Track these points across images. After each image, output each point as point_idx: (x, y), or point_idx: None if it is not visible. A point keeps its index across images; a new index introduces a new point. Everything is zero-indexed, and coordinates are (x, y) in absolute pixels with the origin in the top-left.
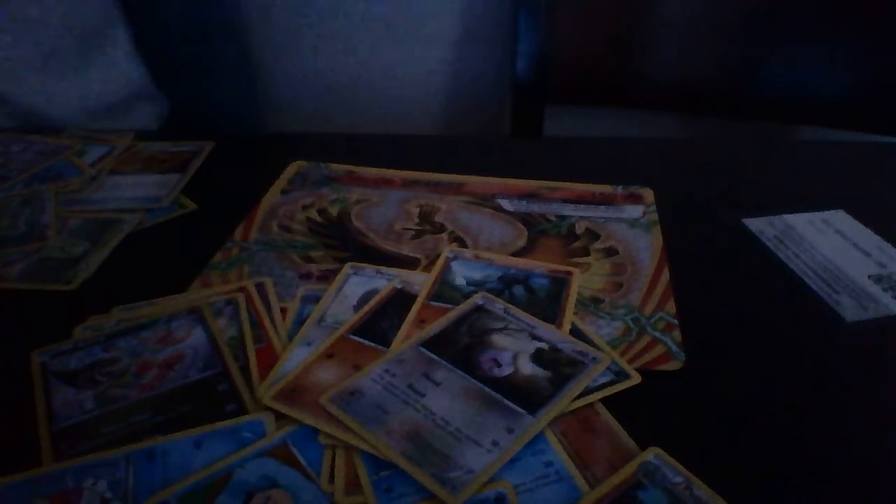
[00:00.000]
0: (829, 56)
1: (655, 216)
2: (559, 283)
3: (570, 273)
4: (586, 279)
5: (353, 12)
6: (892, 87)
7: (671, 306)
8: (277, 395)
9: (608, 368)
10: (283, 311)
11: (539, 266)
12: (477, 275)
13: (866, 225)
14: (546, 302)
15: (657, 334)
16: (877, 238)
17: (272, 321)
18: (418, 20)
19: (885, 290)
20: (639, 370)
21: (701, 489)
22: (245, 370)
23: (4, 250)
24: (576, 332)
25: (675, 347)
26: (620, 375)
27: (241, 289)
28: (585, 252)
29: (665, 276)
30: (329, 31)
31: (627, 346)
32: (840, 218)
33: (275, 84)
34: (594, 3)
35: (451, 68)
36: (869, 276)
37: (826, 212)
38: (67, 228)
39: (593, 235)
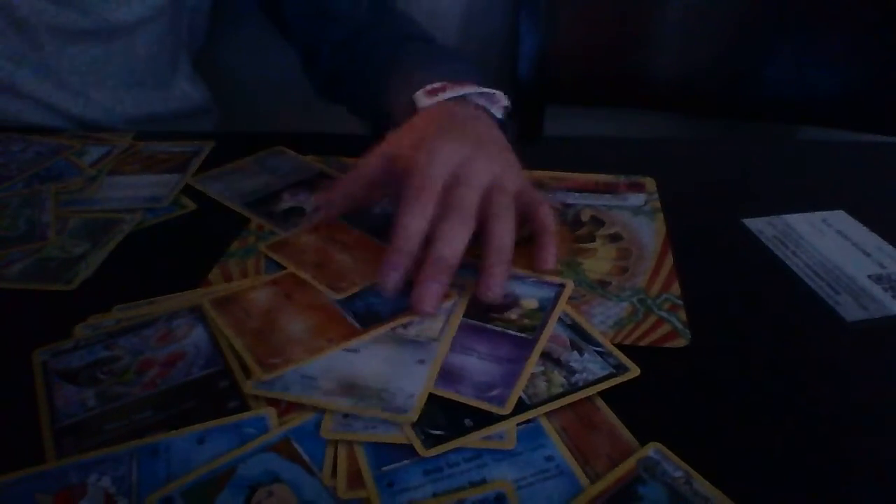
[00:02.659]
0: (829, 56)
1: (658, 203)
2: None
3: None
4: (593, 263)
5: None
6: (892, 87)
7: (676, 288)
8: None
9: (607, 362)
10: None
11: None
12: None
13: (866, 225)
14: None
15: (663, 314)
16: (877, 238)
17: None
18: (418, 21)
19: (885, 290)
20: (648, 357)
21: (701, 484)
22: (246, 368)
23: (4, 250)
24: (575, 329)
25: (680, 326)
26: (619, 369)
27: None
28: (591, 238)
29: (669, 259)
30: None
31: (634, 325)
32: (840, 218)
33: (279, 85)
34: (594, 3)
35: None
36: (869, 276)
37: (826, 212)
38: (67, 228)
39: (598, 222)
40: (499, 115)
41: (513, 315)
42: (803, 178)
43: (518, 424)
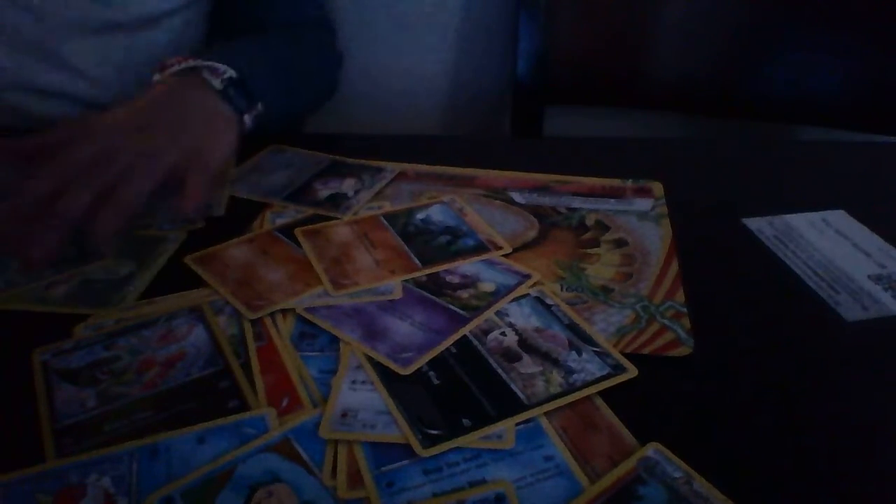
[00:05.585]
0: (830, 56)
1: (665, 209)
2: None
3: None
4: (596, 269)
5: (353, 13)
6: (892, 87)
7: (680, 295)
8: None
9: (605, 362)
10: (284, 309)
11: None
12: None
13: (866, 225)
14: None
15: (666, 322)
16: (877, 238)
17: (272, 319)
18: (418, 20)
19: (885, 289)
20: (648, 357)
21: (700, 484)
22: (246, 367)
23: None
24: (573, 329)
25: (683, 334)
26: (617, 369)
27: None
28: (595, 243)
29: (674, 266)
30: None
31: (637, 333)
32: (840, 218)
33: None
34: (594, 4)
35: (451, 68)
36: (869, 276)
37: (826, 212)
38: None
39: (603, 227)
40: (218, 86)
41: (464, 294)
42: (803, 178)
43: (517, 424)
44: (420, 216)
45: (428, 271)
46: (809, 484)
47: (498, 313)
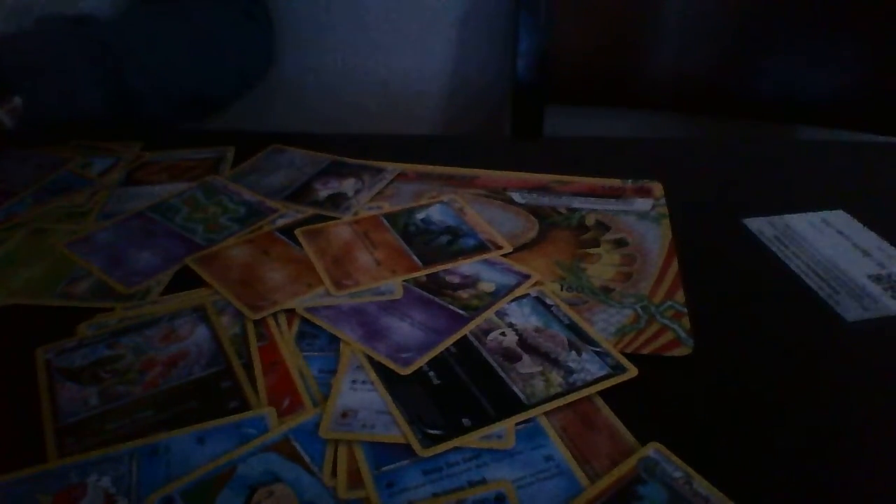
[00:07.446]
0: (829, 56)
1: (665, 209)
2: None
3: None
4: (596, 269)
5: (353, 14)
6: (891, 87)
7: (680, 295)
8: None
9: (605, 362)
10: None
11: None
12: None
13: (866, 225)
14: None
15: (666, 322)
16: (877, 238)
17: (275, 319)
18: (418, 20)
19: (885, 290)
20: (648, 357)
21: (701, 484)
22: (248, 367)
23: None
24: (573, 329)
25: (683, 334)
26: (617, 369)
27: None
28: (595, 243)
29: (674, 266)
30: (329, 31)
31: (637, 333)
32: (840, 218)
33: (274, 86)
34: (594, 3)
35: (451, 68)
36: (869, 276)
37: (826, 212)
38: None
39: (603, 227)
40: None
41: (464, 294)
42: (803, 178)
43: (517, 424)
44: (420, 216)
45: (428, 271)
46: (809, 484)
47: (498, 313)
